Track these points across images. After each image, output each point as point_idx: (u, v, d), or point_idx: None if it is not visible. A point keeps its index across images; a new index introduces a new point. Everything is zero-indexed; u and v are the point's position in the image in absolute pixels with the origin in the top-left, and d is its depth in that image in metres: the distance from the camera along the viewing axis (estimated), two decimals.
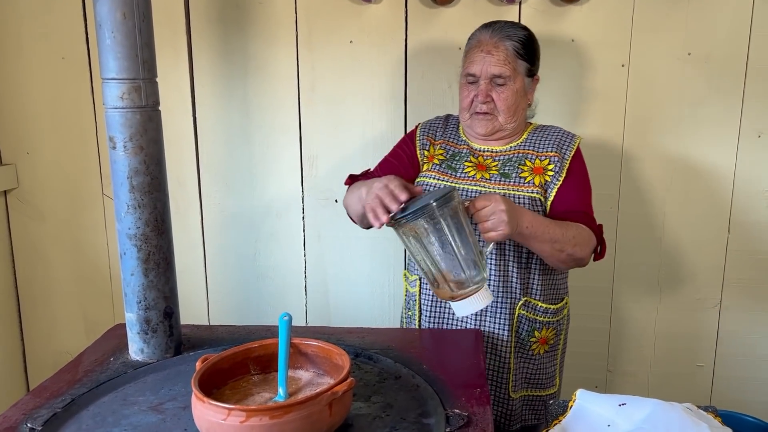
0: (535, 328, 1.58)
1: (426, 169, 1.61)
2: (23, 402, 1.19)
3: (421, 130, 1.67)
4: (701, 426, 1.15)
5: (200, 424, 1.04)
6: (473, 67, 1.52)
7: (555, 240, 1.43)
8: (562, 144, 1.57)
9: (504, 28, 1.53)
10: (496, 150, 1.59)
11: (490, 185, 1.54)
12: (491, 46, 1.51)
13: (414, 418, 1.12)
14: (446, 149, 1.62)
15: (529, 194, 1.52)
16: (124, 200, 1.33)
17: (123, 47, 1.26)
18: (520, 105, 1.55)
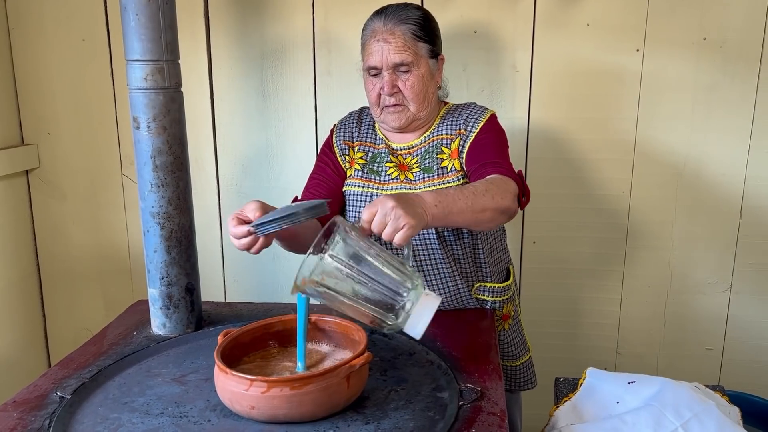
0: (495, 308, 1.57)
1: (349, 176, 1.55)
2: (51, 372, 1.24)
3: (337, 135, 1.59)
4: (708, 404, 1.18)
5: (223, 395, 1.09)
6: (373, 59, 1.45)
7: (471, 204, 1.24)
8: (468, 117, 1.50)
9: (396, 13, 1.45)
10: (413, 144, 1.53)
11: (414, 185, 1.48)
12: (387, 34, 1.43)
13: (428, 392, 1.15)
14: (365, 151, 1.55)
15: (455, 182, 1.47)
16: (148, 179, 1.36)
17: (147, 29, 1.29)
18: (429, 89, 1.48)
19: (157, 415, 1.09)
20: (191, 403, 1.13)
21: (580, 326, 2.10)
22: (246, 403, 1.04)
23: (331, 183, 1.56)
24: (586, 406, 1.25)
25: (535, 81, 1.92)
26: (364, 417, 1.08)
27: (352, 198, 1.54)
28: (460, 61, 1.93)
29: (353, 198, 1.54)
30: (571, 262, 2.03)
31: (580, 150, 1.95)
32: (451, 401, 1.12)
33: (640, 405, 1.20)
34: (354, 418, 1.08)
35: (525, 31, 1.89)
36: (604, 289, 2.04)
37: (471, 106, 1.55)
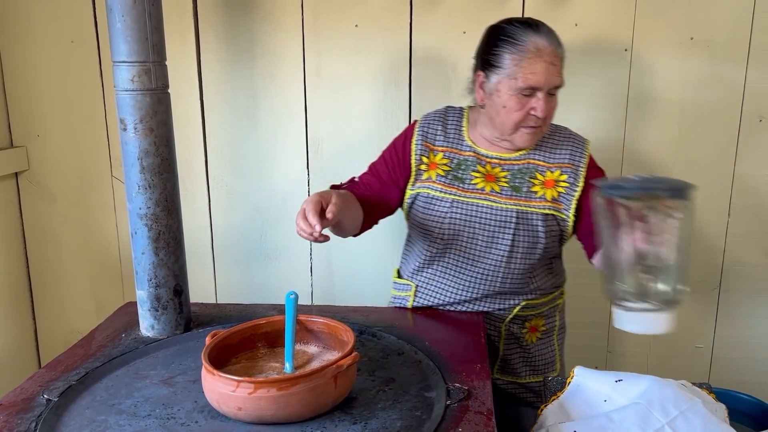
0: (525, 320, 1.59)
1: (426, 178, 1.52)
2: (39, 375, 1.24)
3: (418, 135, 1.54)
4: (695, 401, 1.19)
5: (210, 396, 1.09)
6: (536, 79, 1.36)
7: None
8: (573, 152, 1.49)
9: (551, 32, 1.39)
10: (505, 158, 1.50)
11: (500, 199, 1.47)
12: (554, 56, 1.37)
13: (416, 392, 1.16)
14: (450, 157, 1.51)
15: (540, 210, 1.46)
16: (135, 180, 1.36)
17: (133, 31, 1.29)
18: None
19: (144, 417, 1.09)
20: (179, 405, 1.13)
21: (571, 325, 2.10)
22: (233, 404, 1.04)
23: (384, 188, 1.54)
24: (573, 404, 1.25)
25: None
26: (351, 417, 1.08)
27: (427, 201, 1.50)
28: (449, 61, 1.93)
29: (429, 201, 1.50)
30: None
31: None
32: (438, 401, 1.12)
33: (627, 403, 1.20)
34: (341, 418, 1.08)
35: None
36: (593, 289, 2.04)
37: (567, 132, 1.53)
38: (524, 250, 1.48)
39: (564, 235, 1.53)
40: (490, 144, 1.51)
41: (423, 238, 1.55)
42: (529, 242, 1.48)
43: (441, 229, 1.50)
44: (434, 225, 1.51)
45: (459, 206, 1.48)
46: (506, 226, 1.47)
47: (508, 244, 1.47)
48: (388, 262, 2.10)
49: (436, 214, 1.50)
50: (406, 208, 1.57)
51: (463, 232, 1.49)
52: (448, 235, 1.50)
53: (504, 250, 1.47)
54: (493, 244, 1.48)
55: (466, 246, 1.50)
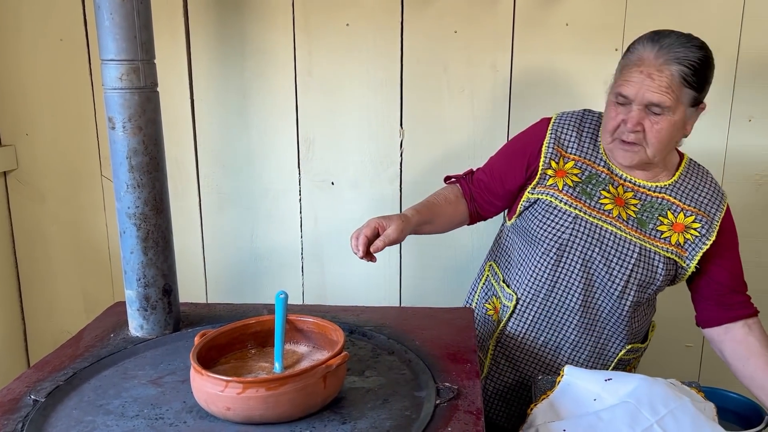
0: (627, 364, 1.55)
1: (551, 185, 1.42)
2: (26, 375, 1.23)
3: (551, 136, 1.44)
4: (683, 399, 1.19)
5: (199, 396, 1.08)
6: (627, 89, 1.31)
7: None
8: (711, 202, 1.42)
9: (673, 47, 1.29)
10: (640, 185, 1.41)
11: (625, 228, 1.38)
12: (654, 69, 1.28)
13: (406, 392, 1.16)
14: (582, 168, 1.42)
15: (663, 252, 1.39)
16: (124, 180, 1.35)
17: (121, 29, 1.28)
18: (674, 137, 1.35)
19: (132, 418, 1.09)
20: (167, 405, 1.12)
21: None
22: (222, 404, 1.04)
23: (500, 189, 1.51)
24: (563, 403, 1.26)
25: (515, 81, 1.93)
26: (341, 417, 1.08)
27: (548, 210, 1.42)
28: (441, 61, 1.93)
29: (551, 211, 1.42)
30: None
31: None
32: (428, 400, 1.12)
33: (617, 402, 1.21)
34: (331, 418, 1.07)
35: (505, 30, 1.89)
36: None
37: (710, 178, 1.46)
38: (638, 288, 1.42)
39: (676, 281, 1.48)
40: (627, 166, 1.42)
41: (531, 248, 1.48)
42: (645, 280, 1.42)
43: (555, 244, 1.42)
44: (549, 237, 1.42)
45: (582, 224, 1.40)
46: (627, 259, 1.40)
47: (626, 277, 1.40)
48: (379, 261, 2.09)
49: (554, 226, 1.42)
50: (520, 209, 1.48)
51: (579, 253, 1.41)
52: (562, 252, 1.42)
53: (619, 283, 1.41)
54: (609, 273, 1.41)
55: (581, 269, 1.42)
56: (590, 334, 1.48)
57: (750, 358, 1.41)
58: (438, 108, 1.96)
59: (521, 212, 1.49)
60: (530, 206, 1.46)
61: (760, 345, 1.41)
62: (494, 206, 1.56)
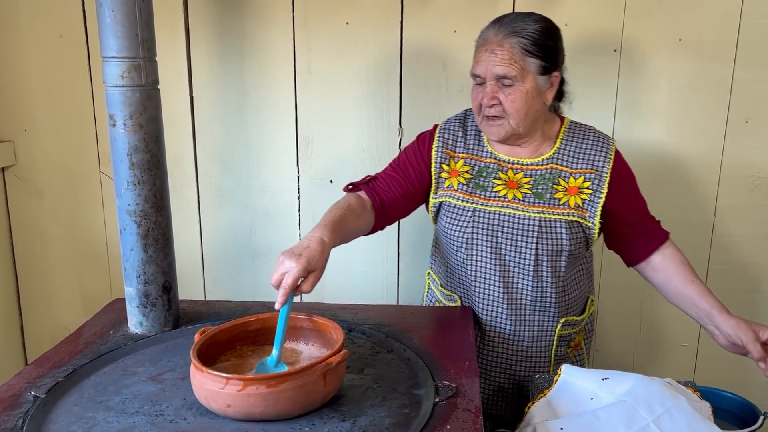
0: (570, 339, 1.58)
1: (448, 186, 1.51)
2: (26, 371, 1.23)
3: (439, 141, 1.53)
4: (680, 399, 1.20)
5: (199, 393, 1.09)
6: (478, 68, 1.42)
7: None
8: (597, 156, 1.49)
9: (511, 23, 1.41)
10: (527, 163, 1.50)
11: (524, 206, 1.46)
12: (495, 45, 1.40)
13: (405, 389, 1.16)
14: (471, 164, 1.51)
15: (565, 217, 1.46)
16: (124, 177, 1.36)
17: (123, 26, 1.28)
18: (532, 106, 1.42)
19: (132, 414, 1.09)
20: (167, 402, 1.13)
21: None
22: (222, 401, 1.04)
23: (408, 186, 1.52)
24: (560, 402, 1.26)
25: None
26: (340, 414, 1.08)
27: (450, 210, 1.50)
28: (440, 60, 1.94)
29: (452, 211, 1.50)
30: None
31: None
32: (427, 398, 1.13)
33: (614, 401, 1.22)
34: (330, 415, 1.08)
35: None
36: None
37: (593, 133, 1.52)
38: (549, 258, 1.47)
39: (590, 242, 1.52)
40: (510, 148, 1.51)
41: (450, 247, 1.54)
42: (553, 249, 1.46)
43: (463, 240, 1.49)
44: (457, 235, 1.50)
45: (481, 215, 1.48)
46: (529, 235, 1.46)
47: (533, 252, 1.46)
48: (377, 261, 2.10)
49: (458, 224, 1.50)
50: (432, 216, 1.58)
51: (486, 243, 1.47)
52: (471, 246, 1.49)
53: (529, 259, 1.46)
54: (518, 254, 1.47)
55: (492, 257, 1.48)
56: (522, 317, 1.50)
57: (670, 279, 1.53)
58: (437, 107, 1.96)
59: (435, 218, 1.58)
60: (438, 211, 1.55)
61: (674, 266, 1.53)
62: (402, 209, 1.56)
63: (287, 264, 1.17)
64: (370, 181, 1.53)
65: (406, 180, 1.53)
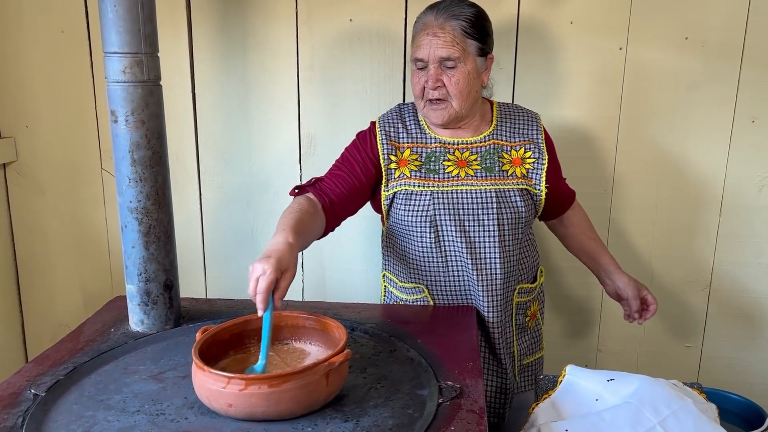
0: (527, 308, 1.63)
1: (399, 176, 1.52)
2: (26, 369, 1.22)
3: (382, 135, 1.55)
4: (686, 401, 1.19)
5: (200, 393, 1.07)
6: (420, 52, 1.45)
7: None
8: (530, 129, 1.58)
9: (449, 8, 1.46)
10: (471, 141, 1.55)
11: (478, 181, 1.51)
12: (437, 28, 1.44)
13: (408, 390, 1.15)
14: (418, 152, 1.54)
15: (517, 186, 1.53)
16: (126, 174, 1.34)
17: (125, 21, 1.27)
18: (473, 87, 1.48)
19: (133, 413, 1.08)
20: (168, 401, 1.12)
21: (562, 324, 2.11)
22: (223, 400, 1.03)
23: (356, 182, 1.52)
24: (565, 403, 1.25)
25: (518, 78, 1.92)
26: (343, 415, 1.07)
27: (407, 198, 1.52)
28: None
29: (410, 198, 1.51)
30: (552, 259, 2.04)
31: (563, 148, 1.94)
32: (430, 398, 1.12)
33: (619, 402, 1.21)
34: (333, 416, 1.07)
35: (509, 28, 1.88)
36: (585, 287, 2.05)
37: (519, 110, 1.61)
38: (510, 227, 1.52)
39: (537, 209, 1.59)
40: (452, 131, 1.55)
41: (411, 237, 1.55)
42: (513, 218, 1.52)
43: (427, 223, 1.50)
44: (419, 220, 1.51)
45: (440, 196, 1.50)
46: (489, 207, 1.50)
47: (495, 223, 1.50)
48: (380, 259, 2.09)
49: (418, 209, 1.51)
50: (385, 210, 1.57)
51: (450, 221, 1.50)
52: (437, 228, 1.51)
53: (493, 230, 1.50)
54: (481, 227, 1.50)
55: (458, 235, 1.50)
56: (493, 290, 1.52)
57: (577, 235, 1.74)
58: None
59: (388, 211, 1.57)
60: (392, 203, 1.55)
61: (580, 223, 1.74)
62: (351, 207, 1.55)
63: (259, 268, 1.13)
64: (317, 183, 1.52)
65: (353, 177, 1.52)
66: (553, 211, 1.70)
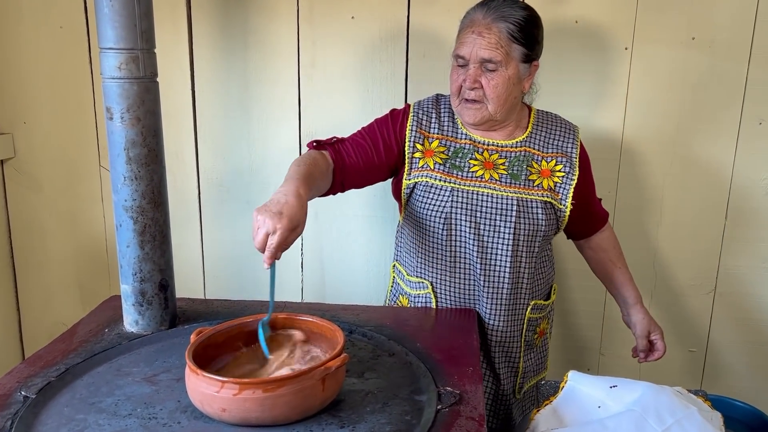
0: (537, 325, 1.59)
1: (423, 166, 1.49)
2: (17, 370, 1.20)
3: (414, 120, 1.51)
4: (691, 409, 1.16)
5: (193, 396, 1.05)
6: (463, 49, 1.41)
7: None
8: (566, 141, 1.53)
9: (500, 8, 1.40)
10: (502, 144, 1.50)
11: (501, 186, 1.46)
12: (483, 27, 1.39)
13: (406, 395, 1.13)
14: (446, 145, 1.50)
15: (540, 198, 1.47)
16: (121, 172, 1.32)
17: (121, 16, 1.25)
18: (512, 93, 1.44)
19: (125, 417, 1.06)
20: (161, 404, 1.10)
21: (564, 327, 2.08)
22: (217, 405, 1.01)
23: (375, 157, 1.47)
24: (567, 410, 1.23)
25: None
26: (339, 420, 1.05)
27: (427, 190, 1.48)
28: (446, 56, 1.88)
29: (429, 190, 1.48)
30: (555, 261, 2.01)
31: None
32: (429, 404, 1.09)
33: (622, 410, 1.18)
34: (329, 421, 1.05)
35: None
36: (588, 290, 2.02)
37: (559, 120, 1.57)
38: (526, 239, 1.47)
39: (560, 225, 1.54)
40: (484, 132, 1.51)
41: (423, 230, 1.52)
42: (530, 230, 1.47)
43: (441, 219, 1.47)
44: (435, 215, 1.47)
45: (459, 195, 1.46)
46: (508, 214, 1.46)
47: (511, 231, 1.46)
48: (380, 259, 2.07)
49: (436, 203, 1.48)
50: (404, 198, 1.54)
51: (465, 222, 1.46)
52: (450, 225, 1.47)
53: (508, 239, 1.46)
54: (497, 233, 1.46)
55: (471, 236, 1.46)
56: (499, 298, 1.50)
57: (603, 261, 1.70)
58: None
59: (407, 201, 1.54)
60: (412, 192, 1.52)
61: (609, 248, 1.69)
62: (360, 181, 1.51)
63: (269, 224, 1.12)
64: (336, 143, 1.47)
65: (374, 150, 1.48)
66: (580, 230, 1.65)
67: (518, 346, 1.55)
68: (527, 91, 1.51)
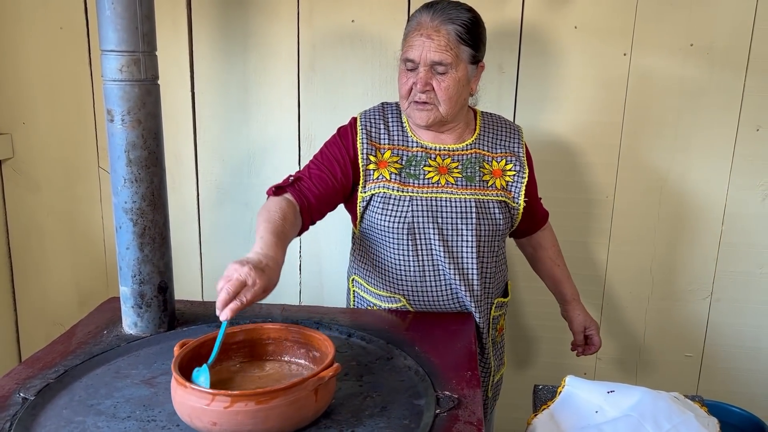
0: (498, 322, 1.61)
1: (378, 177, 1.47)
2: (16, 372, 1.20)
3: (362, 133, 1.50)
4: (687, 415, 1.17)
5: (181, 411, 1.01)
6: (412, 52, 1.40)
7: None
8: (512, 141, 1.55)
9: (446, 10, 1.40)
10: (453, 148, 1.50)
11: (458, 190, 1.47)
12: (432, 30, 1.38)
13: (404, 399, 1.13)
14: (399, 154, 1.49)
15: (496, 198, 1.49)
16: (121, 174, 1.32)
17: (123, 19, 1.25)
18: (462, 95, 1.44)
19: (123, 419, 1.06)
20: (160, 407, 1.09)
21: (562, 331, 2.08)
22: (207, 418, 0.97)
23: (336, 183, 1.46)
24: (564, 415, 1.23)
25: (521, 83, 1.90)
26: (337, 425, 1.05)
27: (385, 202, 1.47)
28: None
29: (388, 202, 1.46)
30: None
31: (565, 153, 1.94)
32: (427, 409, 1.09)
33: (619, 415, 1.19)
34: (327, 426, 1.05)
35: (512, 32, 1.86)
36: (585, 294, 2.02)
37: (503, 121, 1.58)
38: (487, 238, 1.49)
39: (513, 223, 1.57)
40: (435, 135, 1.51)
41: (386, 243, 1.50)
42: (490, 229, 1.49)
43: (405, 229, 1.46)
44: (397, 225, 1.46)
45: (419, 203, 1.46)
46: (468, 216, 1.47)
47: (473, 233, 1.47)
48: None
49: (397, 214, 1.46)
50: (360, 212, 1.52)
51: (429, 229, 1.46)
52: (414, 234, 1.46)
53: (471, 240, 1.47)
54: (459, 236, 1.47)
55: (437, 242, 1.46)
56: (472, 298, 1.50)
57: (543, 259, 1.74)
58: None
59: (362, 214, 1.52)
60: (368, 204, 1.50)
61: (549, 246, 1.73)
62: (327, 209, 1.51)
63: (251, 278, 1.10)
64: (295, 182, 1.46)
65: (333, 178, 1.47)
66: (523, 228, 1.66)
67: (488, 344, 1.57)
68: (475, 92, 1.52)
